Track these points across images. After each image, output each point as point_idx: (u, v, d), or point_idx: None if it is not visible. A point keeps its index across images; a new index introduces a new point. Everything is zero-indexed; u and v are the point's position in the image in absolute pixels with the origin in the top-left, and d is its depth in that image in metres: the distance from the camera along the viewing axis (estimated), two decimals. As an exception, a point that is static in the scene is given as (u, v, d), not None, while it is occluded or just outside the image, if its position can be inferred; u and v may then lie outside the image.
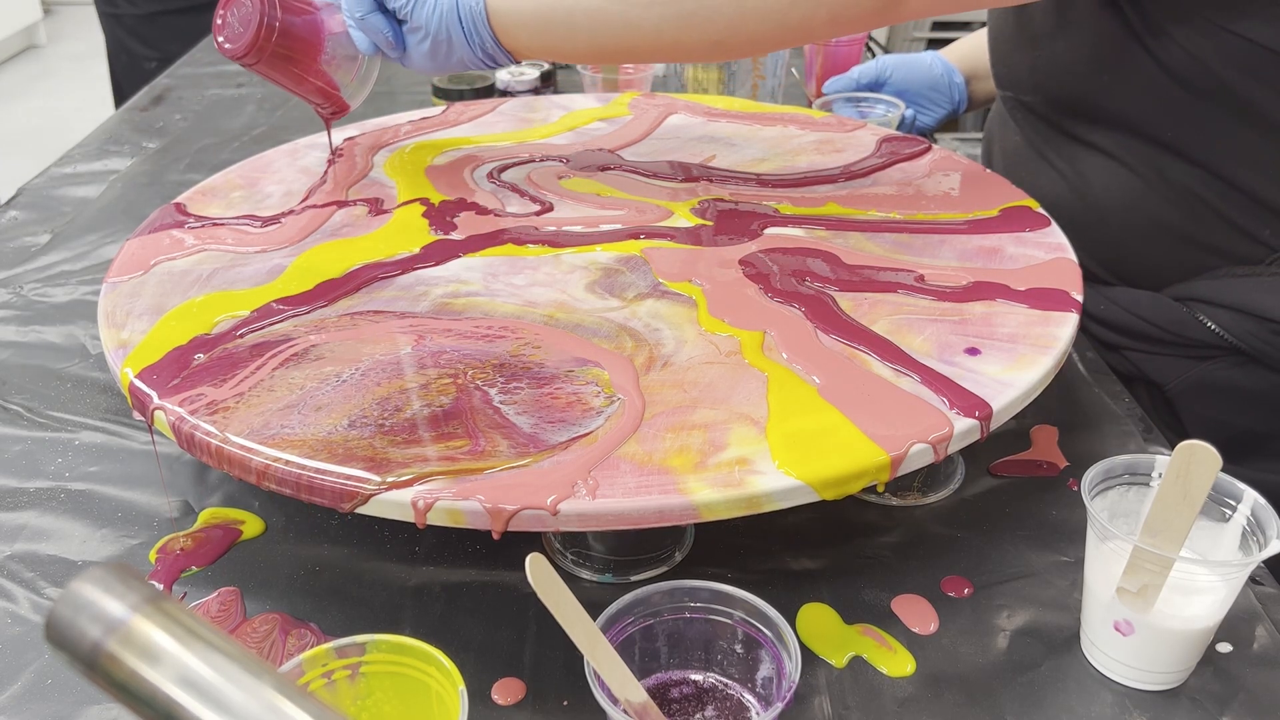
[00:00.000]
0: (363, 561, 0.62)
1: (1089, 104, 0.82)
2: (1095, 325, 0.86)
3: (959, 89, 1.15)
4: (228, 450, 0.55)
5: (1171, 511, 0.51)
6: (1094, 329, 0.86)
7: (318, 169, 0.90)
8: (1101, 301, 0.85)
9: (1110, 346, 0.86)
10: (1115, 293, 0.85)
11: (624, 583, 0.60)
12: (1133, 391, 0.84)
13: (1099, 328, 0.86)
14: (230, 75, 1.46)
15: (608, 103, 1.05)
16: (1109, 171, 0.82)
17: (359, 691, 0.47)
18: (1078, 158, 0.84)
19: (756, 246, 0.76)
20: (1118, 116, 0.80)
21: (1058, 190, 0.86)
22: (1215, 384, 0.81)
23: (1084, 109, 0.83)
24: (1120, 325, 0.84)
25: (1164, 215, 0.80)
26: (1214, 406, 0.82)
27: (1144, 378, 0.85)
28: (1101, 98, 0.80)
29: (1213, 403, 0.82)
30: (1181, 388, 0.83)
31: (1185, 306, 0.81)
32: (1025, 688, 0.54)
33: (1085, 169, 0.84)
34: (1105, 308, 0.85)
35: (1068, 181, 0.85)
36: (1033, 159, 0.89)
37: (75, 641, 0.27)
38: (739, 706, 0.51)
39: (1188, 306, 0.81)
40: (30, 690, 0.54)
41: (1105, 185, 0.83)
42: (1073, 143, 0.85)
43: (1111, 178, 0.82)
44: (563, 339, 0.65)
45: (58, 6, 4.73)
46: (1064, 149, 0.85)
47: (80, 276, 0.93)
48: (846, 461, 0.54)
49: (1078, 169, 0.84)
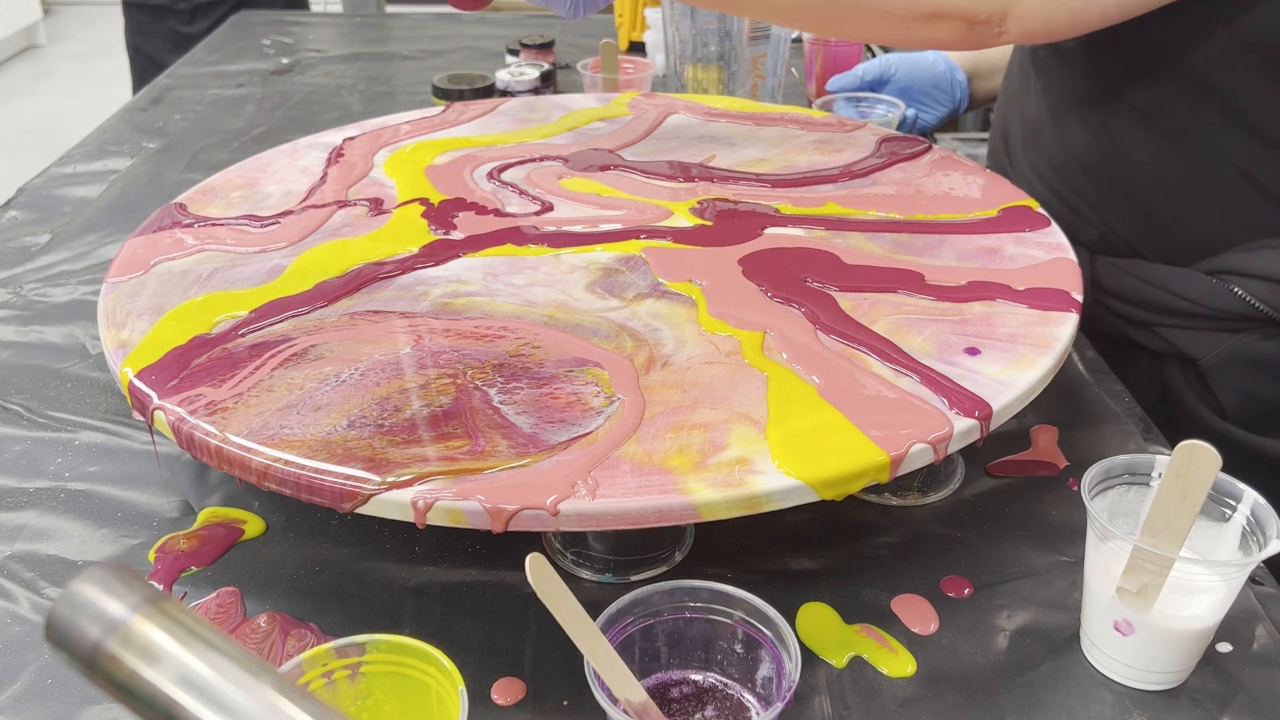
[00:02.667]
0: (363, 561, 0.62)
1: (1143, 51, 0.80)
2: (1124, 304, 0.86)
3: (961, 86, 1.16)
4: (228, 450, 0.55)
5: (1171, 511, 0.51)
6: (1122, 308, 0.86)
7: (318, 169, 0.90)
8: (1129, 279, 0.85)
9: (1140, 324, 0.86)
10: (1145, 269, 0.84)
11: (624, 583, 0.60)
12: (1164, 367, 0.85)
13: (1128, 306, 0.86)
14: (230, 75, 1.46)
15: (608, 103, 1.05)
16: (1144, 131, 0.81)
17: (359, 691, 0.47)
18: (1111, 118, 0.83)
19: (756, 246, 0.76)
20: (1169, 69, 0.79)
21: (1088, 154, 0.85)
22: (1249, 356, 0.81)
23: (1136, 57, 0.81)
24: (1151, 302, 0.84)
25: (1198, 181, 0.80)
26: (1248, 379, 0.82)
27: (1177, 353, 0.85)
28: (1158, 46, 0.78)
29: (1247, 375, 0.82)
30: (1215, 361, 0.83)
31: (1217, 279, 0.81)
32: (1025, 688, 0.54)
33: (1118, 129, 0.83)
34: (1134, 285, 0.85)
35: (1098, 143, 0.84)
36: (1058, 123, 0.88)
37: (75, 641, 0.27)
38: (739, 706, 0.51)
39: (1220, 279, 0.81)
40: (30, 690, 0.54)
41: (1139, 148, 0.82)
42: (1108, 103, 0.83)
43: (1146, 139, 0.81)
44: (563, 339, 0.65)
45: (58, 6, 4.73)
46: (1098, 109, 0.84)
47: (80, 276, 0.92)
48: (846, 461, 0.54)
49: (1110, 129, 0.83)
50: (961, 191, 0.85)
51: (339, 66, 1.52)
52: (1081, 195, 0.86)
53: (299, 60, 1.54)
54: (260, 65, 1.51)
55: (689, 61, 1.23)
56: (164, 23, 1.97)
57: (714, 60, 1.22)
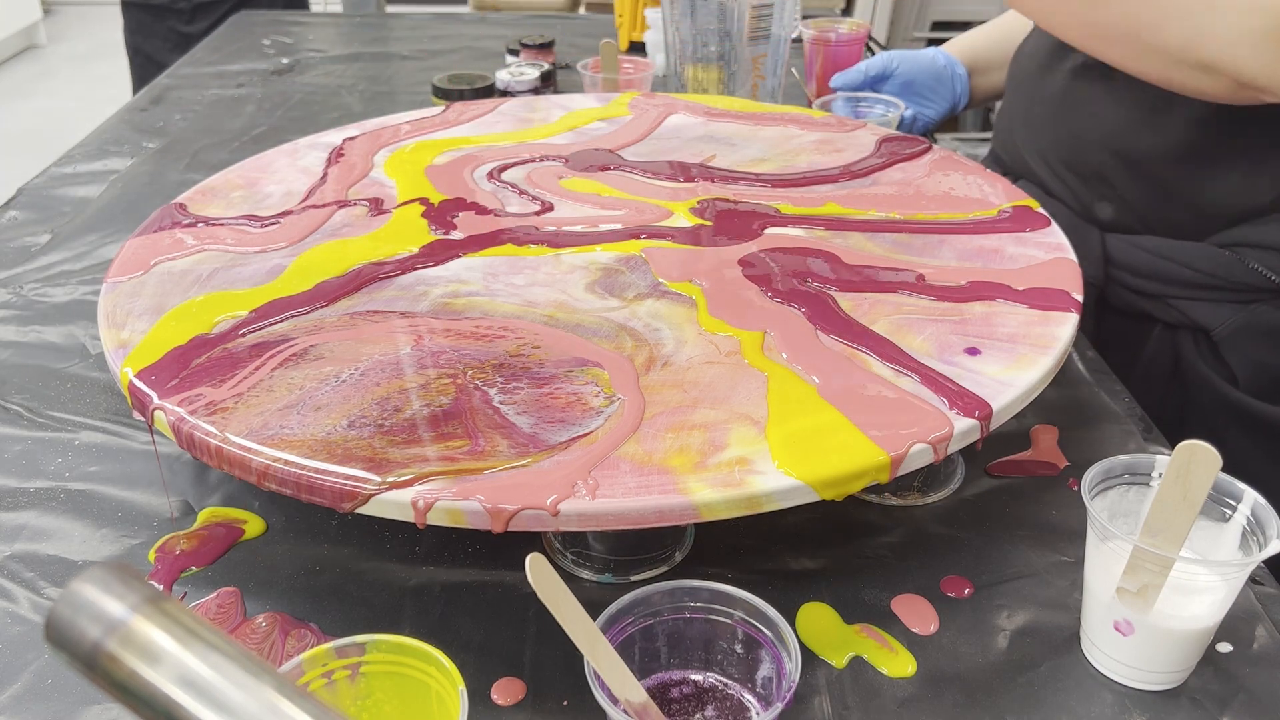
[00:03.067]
0: (363, 561, 0.62)
1: None
2: (1137, 278, 0.87)
3: (962, 81, 1.16)
4: (228, 450, 0.55)
5: (1171, 511, 0.51)
6: (1135, 282, 0.87)
7: (318, 169, 0.90)
8: (1143, 254, 0.86)
9: (1153, 296, 0.87)
10: (1157, 244, 0.86)
11: (624, 583, 0.60)
12: (1177, 338, 0.86)
13: (1141, 280, 0.87)
14: (230, 75, 1.46)
15: (608, 103, 1.05)
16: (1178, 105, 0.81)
17: (359, 691, 0.47)
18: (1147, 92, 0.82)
19: (756, 246, 0.76)
20: None
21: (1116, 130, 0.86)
22: (1261, 326, 0.83)
23: None
24: (1165, 275, 0.85)
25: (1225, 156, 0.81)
26: (1260, 348, 0.84)
27: (1190, 324, 0.86)
28: None
29: (1259, 345, 0.84)
30: (1227, 331, 0.84)
31: (1230, 252, 0.82)
32: (1025, 688, 0.54)
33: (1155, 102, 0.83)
34: (1148, 260, 0.86)
35: (1124, 111, 0.85)
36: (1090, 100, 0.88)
37: (75, 641, 0.27)
38: (739, 706, 0.51)
39: (1234, 252, 0.82)
40: (30, 690, 0.54)
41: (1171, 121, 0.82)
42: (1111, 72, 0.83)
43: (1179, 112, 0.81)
44: (563, 339, 0.65)
45: (58, 6, 4.73)
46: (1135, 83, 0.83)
47: (80, 276, 0.92)
48: (846, 461, 0.54)
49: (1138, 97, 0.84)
50: (961, 191, 0.85)
51: (339, 66, 1.52)
52: (1103, 173, 0.87)
53: (299, 60, 1.54)
54: (260, 65, 1.51)
55: (689, 61, 1.23)
56: (164, 22, 1.97)
57: (714, 60, 1.22)
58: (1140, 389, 0.83)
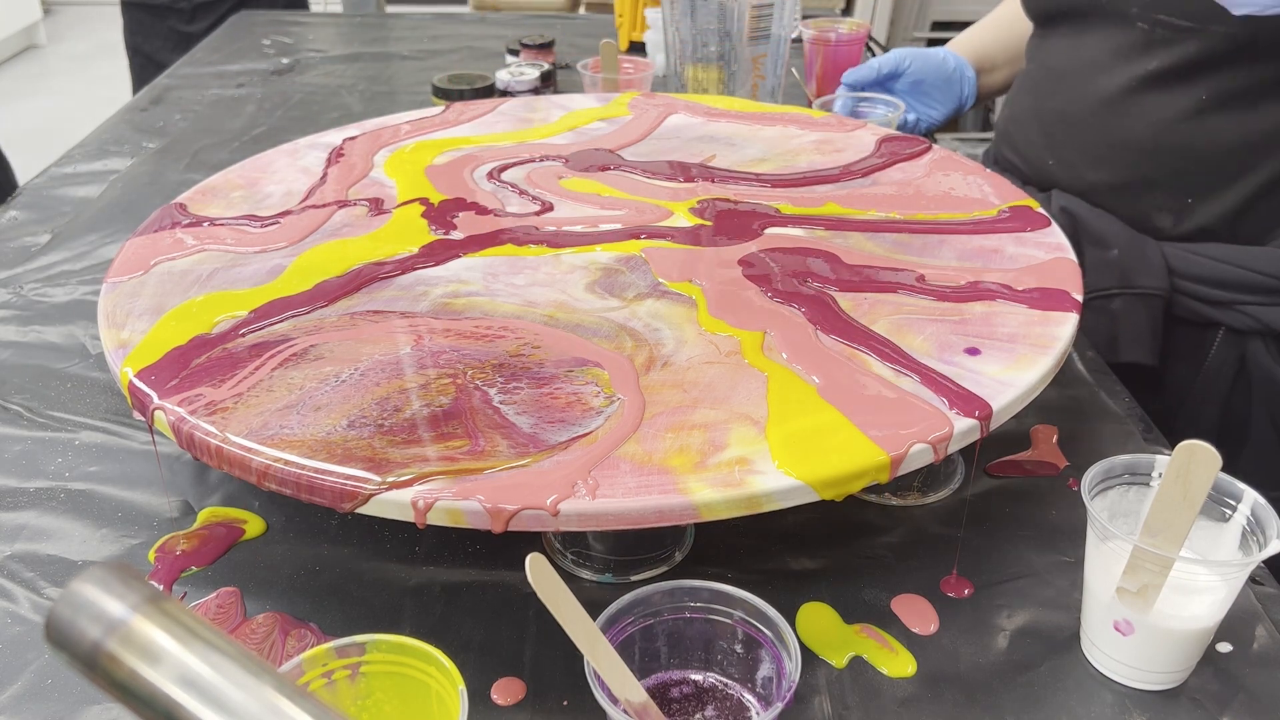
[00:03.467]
0: (363, 561, 0.62)
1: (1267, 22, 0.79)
2: (1202, 287, 0.87)
3: (969, 83, 1.16)
4: (228, 450, 0.55)
5: (1171, 511, 0.51)
6: (1201, 290, 0.87)
7: (318, 169, 0.90)
8: (1206, 261, 0.86)
9: (1220, 304, 0.87)
10: (1219, 250, 0.86)
11: (624, 583, 0.60)
12: (1248, 344, 0.86)
13: (1207, 288, 0.87)
14: (230, 75, 1.46)
15: (608, 103, 1.05)
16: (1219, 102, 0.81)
17: (359, 691, 0.47)
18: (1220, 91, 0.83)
19: (756, 246, 0.76)
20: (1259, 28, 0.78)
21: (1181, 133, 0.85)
22: None
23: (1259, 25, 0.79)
24: (1231, 281, 0.85)
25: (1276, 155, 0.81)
26: None
27: (1265, 330, 0.86)
28: None
29: None
30: None
31: None
32: (1025, 688, 0.54)
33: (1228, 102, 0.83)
34: (1212, 266, 0.86)
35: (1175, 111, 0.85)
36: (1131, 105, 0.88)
37: (75, 641, 0.27)
38: (739, 706, 0.51)
39: None
40: (30, 690, 0.54)
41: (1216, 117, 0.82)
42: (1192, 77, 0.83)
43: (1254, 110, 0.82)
44: (563, 339, 0.65)
45: (58, 6, 4.73)
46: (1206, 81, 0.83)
47: (80, 276, 0.93)
48: (846, 461, 0.54)
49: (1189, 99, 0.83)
50: (961, 191, 0.85)
51: (339, 66, 1.52)
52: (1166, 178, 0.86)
53: (299, 60, 1.54)
54: (260, 65, 1.51)
55: (689, 61, 1.23)
56: (164, 22, 1.97)
57: (714, 60, 1.22)
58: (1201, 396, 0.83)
